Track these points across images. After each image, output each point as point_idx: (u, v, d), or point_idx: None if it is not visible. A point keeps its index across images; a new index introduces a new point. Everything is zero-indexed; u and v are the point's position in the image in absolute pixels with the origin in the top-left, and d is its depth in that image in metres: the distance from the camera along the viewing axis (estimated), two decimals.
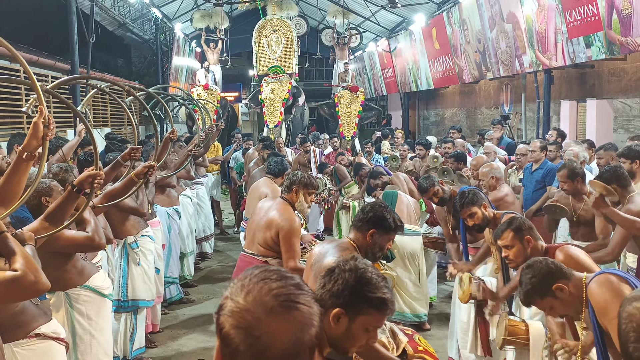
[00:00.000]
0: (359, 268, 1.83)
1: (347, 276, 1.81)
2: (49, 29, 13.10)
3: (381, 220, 2.80)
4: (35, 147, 2.40)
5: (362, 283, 1.80)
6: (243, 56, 21.82)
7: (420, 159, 7.98)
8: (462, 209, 3.94)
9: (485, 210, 3.91)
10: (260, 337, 1.09)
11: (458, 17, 11.60)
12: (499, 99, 13.27)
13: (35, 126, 2.36)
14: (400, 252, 5.29)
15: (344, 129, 12.35)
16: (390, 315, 1.85)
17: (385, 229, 2.80)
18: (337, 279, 1.82)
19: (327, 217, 9.56)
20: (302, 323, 1.13)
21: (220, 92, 13.79)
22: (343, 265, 1.85)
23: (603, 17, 7.22)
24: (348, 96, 12.55)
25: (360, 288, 1.80)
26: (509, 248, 3.14)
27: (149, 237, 4.88)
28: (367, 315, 1.80)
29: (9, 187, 2.43)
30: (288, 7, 15.19)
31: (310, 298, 1.18)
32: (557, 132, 7.33)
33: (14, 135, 5.67)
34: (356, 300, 1.79)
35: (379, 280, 1.83)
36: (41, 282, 2.17)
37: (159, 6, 14.62)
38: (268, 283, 1.15)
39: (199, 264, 7.75)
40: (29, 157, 2.41)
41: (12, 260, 2.15)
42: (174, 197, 6.27)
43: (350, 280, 1.81)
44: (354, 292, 1.79)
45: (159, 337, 5.41)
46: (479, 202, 3.91)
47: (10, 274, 2.10)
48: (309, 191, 3.95)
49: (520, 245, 3.10)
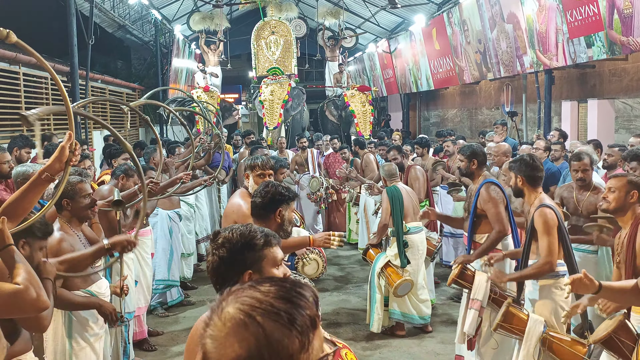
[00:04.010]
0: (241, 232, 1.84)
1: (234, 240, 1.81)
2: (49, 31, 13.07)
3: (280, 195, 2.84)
4: (57, 171, 2.38)
5: (245, 239, 1.81)
6: (242, 58, 21.80)
7: (420, 157, 7.96)
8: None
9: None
10: (215, 341, 1.02)
11: (458, 17, 11.58)
12: (499, 99, 13.24)
13: (62, 150, 2.35)
14: (414, 253, 5.30)
15: (361, 127, 12.33)
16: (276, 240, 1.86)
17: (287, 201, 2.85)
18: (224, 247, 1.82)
19: (328, 217, 9.55)
20: (249, 343, 1.00)
21: (220, 93, 13.77)
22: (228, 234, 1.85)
23: (604, 17, 7.19)
24: (358, 96, 12.54)
25: (245, 244, 1.80)
26: (612, 191, 3.24)
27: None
28: (266, 257, 1.81)
29: (21, 204, 2.41)
30: (288, 8, 15.16)
31: (282, 326, 1.01)
32: (559, 133, 7.30)
33: (14, 137, 5.64)
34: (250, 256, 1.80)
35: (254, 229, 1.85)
36: (42, 299, 2.15)
37: (159, 8, 14.62)
38: (247, 290, 1.07)
39: (200, 266, 7.73)
40: (47, 179, 2.38)
41: (15, 273, 2.13)
42: (175, 200, 6.24)
43: (235, 241, 1.81)
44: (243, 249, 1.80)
45: (160, 340, 5.38)
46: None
47: (13, 287, 2.09)
48: (256, 173, 3.77)
49: (623, 194, 3.21)
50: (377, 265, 5.33)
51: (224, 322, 1.03)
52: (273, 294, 1.05)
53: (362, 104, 12.44)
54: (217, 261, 1.79)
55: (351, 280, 7.24)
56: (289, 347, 1.01)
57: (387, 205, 5.35)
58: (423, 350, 5.07)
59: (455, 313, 5.92)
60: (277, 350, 1.00)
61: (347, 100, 12.56)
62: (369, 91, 12.92)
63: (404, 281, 5.11)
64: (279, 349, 1.00)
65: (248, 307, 1.03)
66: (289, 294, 1.06)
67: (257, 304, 1.03)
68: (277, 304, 1.04)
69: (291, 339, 1.01)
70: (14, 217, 2.37)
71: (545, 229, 3.48)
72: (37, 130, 5.60)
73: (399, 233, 5.20)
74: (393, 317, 5.35)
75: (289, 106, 12.09)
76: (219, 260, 1.79)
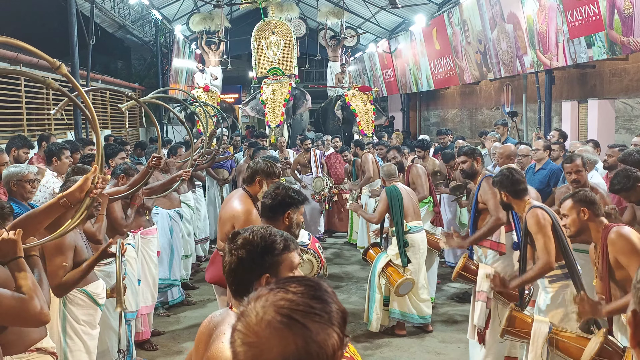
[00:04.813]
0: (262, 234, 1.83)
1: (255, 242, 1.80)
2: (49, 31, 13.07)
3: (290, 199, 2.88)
4: (76, 199, 2.41)
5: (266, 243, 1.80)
6: (243, 58, 21.80)
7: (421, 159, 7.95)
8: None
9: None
10: (252, 346, 1.04)
11: (459, 17, 11.59)
12: (500, 99, 13.24)
13: (85, 181, 2.39)
14: (415, 252, 5.31)
15: (364, 127, 12.30)
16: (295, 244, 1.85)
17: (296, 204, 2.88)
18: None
19: (328, 218, 9.55)
20: (296, 345, 1.01)
21: (220, 93, 13.77)
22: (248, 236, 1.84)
23: (604, 17, 7.20)
24: (359, 95, 12.53)
25: (265, 247, 1.79)
26: (566, 217, 3.26)
27: (132, 245, 4.79)
28: (285, 262, 1.80)
29: (32, 222, 2.44)
30: (289, 8, 15.17)
31: (322, 323, 1.04)
32: (559, 133, 7.30)
33: (13, 137, 5.64)
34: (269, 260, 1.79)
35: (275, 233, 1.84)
36: (44, 313, 2.20)
37: (159, 8, 14.62)
38: (278, 293, 1.08)
39: (200, 266, 7.73)
40: (65, 205, 2.41)
41: (21, 284, 2.17)
42: (175, 199, 6.26)
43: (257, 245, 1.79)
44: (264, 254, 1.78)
45: (161, 339, 5.38)
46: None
47: (18, 296, 2.13)
48: (272, 181, 3.70)
49: (575, 216, 3.21)
50: (377, 265, 5.33)
51: (262, 327, 1.03)
52: (306, 295, 1.07)
53: (363, 103, 12.43)
54: (235, 262, 1.78)
55: (351, 279, 7.24)
56: (333, 344, 1.03)
57: (382, 206, 5.35)
58: (424, 350, 5.07)
59: (456, 312, 5.94)
60: (323, 348, 1.02)
61: (348, 100, 12.56)
62: (370, 91, 12.91)
63: (406, 280, 5.12)
64: (325, 347, 1.02)
65: (286, 309, 1.04)
66: (319, 292, 1.08)
67: (294, 305, 1.05)
68: (314, 303, 1.05)
69: (333, 336, 1.03)
70: (24, 232, 2.41)
71: (538, 229, 3.50)
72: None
73: (399, 232, 5.21)
74: (393, 317, 5.36)
75: (290, 106, 12.10)
76: (238, 261, 1.78)
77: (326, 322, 1.04)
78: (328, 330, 1.03)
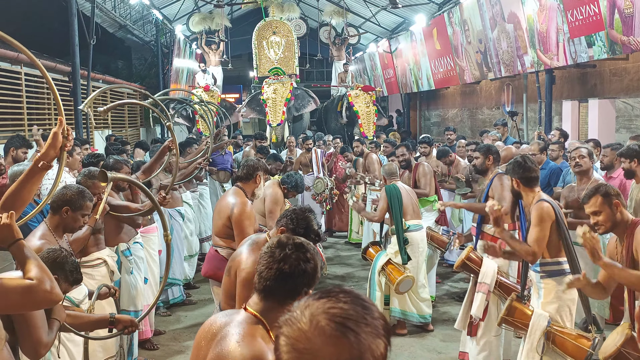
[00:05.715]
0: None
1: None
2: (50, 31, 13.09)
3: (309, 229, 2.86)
4: (52, 157, 2.41)
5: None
6: (243, 58, 21.80)
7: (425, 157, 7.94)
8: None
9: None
10: (303, 353, 1.05)
11: (459, 17, 11.59)
12: (500, 99, 13.25)
13: (55, 136, 2.38)
14: (414, 250, 5.33)
15: (365, 128, 12.23)
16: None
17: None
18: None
19: (329, 218, 9.56)
20: (350, 353, 1.03)
21: (220, 93, 13.78)
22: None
23: (605, 16, 7.20)
24: (362, 96, 12.48)
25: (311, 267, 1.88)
26: (597, 214, 3.15)
27: (139, 244, 4.80)
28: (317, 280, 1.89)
29: (20, 194, 2.43)
30: (289, 8, 15.18)
31: (372, 332, 1.07)
32: (559, 132, 7.31)
33: (11, 137, 5.64)
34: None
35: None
36: (55, 292, 2.15)
37: (160, 8, 14.63)
38: (329, 301, 1.10)
39: (200, 265, 7.73)
40: (44, 166, 2.40)
41: (26, 268, 2.13)
42: (176, 198, 6.25)
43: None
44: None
45: (162, 339, 5.39)
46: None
47: (26, 282, 2.08)
48: (267, 177, 4.16)
49: (609, 210, 3.12)
50: (377, 264, 5.35)
51: (315, 334, 1.05)
52: (357, 304, 1.09)
53: (365, 104, 12.37)
54: (276, 274, 1.82)
55: (352, 279, 7.25)
56: (382, 353, 1.06)
57: (383, 205, 5.38)
58: (424, 349, 5.08)
59: (457, 312, 5.93)
60: (374, 357, 1.05)
61: (351, 100, 12.49)
62: (373, 91, 12.85)
63: (406, 277, 5.13)
64: (375, 356, 1.05)
65: (340, 317, 1.06)
66: (366, 302, 1.11)
67: (347, 314, 1.07)
68: (364, 313, 1.08)
69: (381, 345, 1.07)
70: (14, 209, 2.39)
71: (537, 221, 3.48)
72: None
73: (399, 230, 5.24)
74: (393, 316, 5.36)
75: (291, 105, 12.10)
76: (279, 273, 1.82)
77: (376, 331, 1.07)
78: (377, 339, 1.06)
